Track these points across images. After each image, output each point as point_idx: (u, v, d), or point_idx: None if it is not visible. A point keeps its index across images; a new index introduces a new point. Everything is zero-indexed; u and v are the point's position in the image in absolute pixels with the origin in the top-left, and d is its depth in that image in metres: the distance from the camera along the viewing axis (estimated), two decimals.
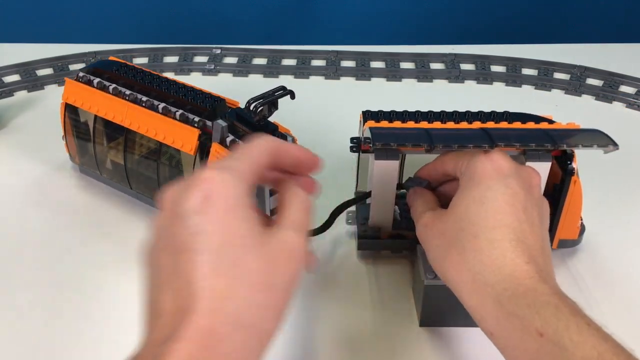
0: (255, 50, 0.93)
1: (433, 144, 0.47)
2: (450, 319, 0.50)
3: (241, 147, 0.37)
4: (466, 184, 0.43)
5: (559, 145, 0.46)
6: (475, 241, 0.40)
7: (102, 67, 0.60)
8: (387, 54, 0.92)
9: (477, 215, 0.40)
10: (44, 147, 0.70)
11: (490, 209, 0.40)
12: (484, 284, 0.39)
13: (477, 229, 0.40)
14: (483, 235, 0.40)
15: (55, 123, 0.61)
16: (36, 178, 0.66)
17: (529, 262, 0.38)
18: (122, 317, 0.51)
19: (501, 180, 0.41)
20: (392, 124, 0.52)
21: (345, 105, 0.55)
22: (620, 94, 0.84)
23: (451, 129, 0.51)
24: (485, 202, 0.41)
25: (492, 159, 0.42)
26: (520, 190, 0.41)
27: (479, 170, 0.42)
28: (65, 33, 1.10)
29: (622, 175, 0.67)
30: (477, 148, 0.47)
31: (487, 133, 0.48)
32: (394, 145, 0.48)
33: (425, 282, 0.48)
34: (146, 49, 0.92)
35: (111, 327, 0.50)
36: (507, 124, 0.52)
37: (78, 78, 0.59)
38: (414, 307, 0.52)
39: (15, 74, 0.86)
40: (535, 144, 0.47)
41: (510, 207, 0.40)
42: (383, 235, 0.55)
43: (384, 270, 0.56)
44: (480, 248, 0.39)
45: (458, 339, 0.49)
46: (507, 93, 0.86)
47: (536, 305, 0.36)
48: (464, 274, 0.40)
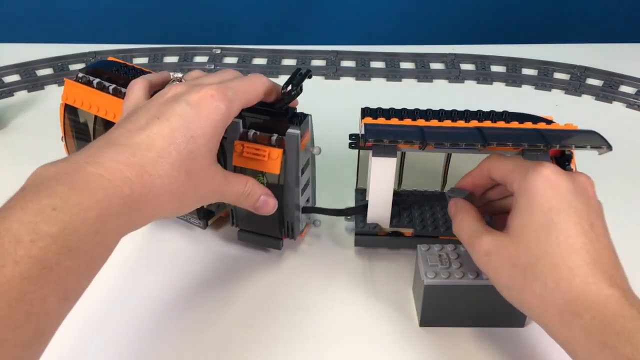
0: (255, 50, 0.93)
1: (425, 142, 0.47)
2: (450, 319, 0.50)
3: (245, 79, 0.47)
4: (525, 207, 0.41)
5: (552, 146, 0.46)
6: (555, 270, 0.39)
7: (102, 67, 0.60)
8: (387, 54, 0.92)
9: (548, 242, 0.39)
10: (44, 148, 0.69)
11: (560, 234, 0.39)
12: (571, 315, 0.38)
13: (554, 258, 0.39)
14: (562, 264, 0.38)
15: (55, 123, 0.61)
16: None
17: (611, 284, 0.38)
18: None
19: (561, 200, 0.40)
20: (389, 121, 0.52)
21: (345, 105, 0.55)
22: (620, 94, 0.84)
23: (446, 127, 0.51)
24: (552, 227, 0.39)
25: (547, 179, 0.41)
26: (582, 206, 0.40)
27: (536, 192, 0.41)
28: (65, 33, 1.10)
29: (622, 176, 0.67)
30: (470, 147, 0.47)
31: (481, 132, 0.49)
32: (386, 141, 0.48)
33: (425, 282, 0.48)
34: (146, 49, 0.92)
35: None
36: (504, 124, 0.52)
37: (77, 79, 0.59)
38: (414, 307, 0.52)
39: (15, 74, 0.86)
40: (528, 144, 0.47)
41: (578, 227, 0.39)
42: (380, 232, 0.55)
43: (381, 267, 0.56)
44: (561, 277, 0.38)
45: (458, 339, 0.49)
46: (507, 93, 0.86)
47: (625, 332, 0.35)
48: (549, 306, 0.39)
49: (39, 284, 0.31)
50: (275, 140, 0.50)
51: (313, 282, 0.54)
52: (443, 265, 0.48)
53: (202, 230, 0.59)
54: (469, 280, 0.47)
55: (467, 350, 0.49)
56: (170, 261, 0.56)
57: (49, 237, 0.32)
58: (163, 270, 0.55)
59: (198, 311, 0.51)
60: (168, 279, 0.54)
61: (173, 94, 0.44)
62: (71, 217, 0.34)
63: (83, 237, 0.34)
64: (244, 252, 0.57)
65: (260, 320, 0.51)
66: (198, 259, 0.57)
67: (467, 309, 0.49)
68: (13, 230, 0.32)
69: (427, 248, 0.50)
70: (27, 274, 0.31)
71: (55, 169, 0.37)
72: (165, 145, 0.40)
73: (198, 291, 0.53)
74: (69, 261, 0.33)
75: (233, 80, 0.47)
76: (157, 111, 0.42)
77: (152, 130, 0.40)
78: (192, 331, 0.50)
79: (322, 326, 0.51)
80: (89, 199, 0.35)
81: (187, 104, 0.42)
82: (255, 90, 0.47)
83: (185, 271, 0.55)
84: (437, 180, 0.58)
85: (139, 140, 0.40)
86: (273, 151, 0.49)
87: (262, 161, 0.50)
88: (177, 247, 0.58)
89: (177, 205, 0.42)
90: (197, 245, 0.58)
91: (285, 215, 0.53)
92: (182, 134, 0.41)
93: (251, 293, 0.53)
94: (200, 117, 0.42)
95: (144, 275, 0.55)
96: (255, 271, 0.55)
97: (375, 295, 0.53)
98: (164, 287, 0.54)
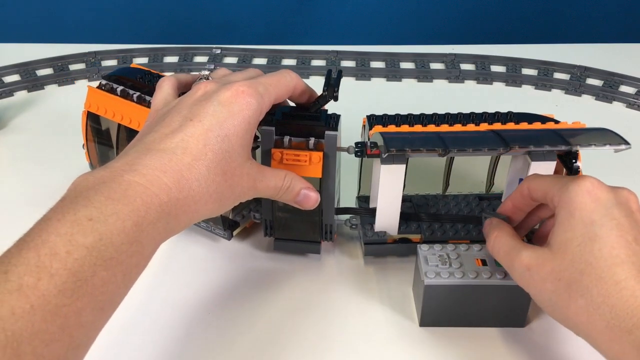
0: (255, 50, 0.93)
1: (448, 148, 0.47)
2: (450, 319, 0.50)
3: (274, 74, 0.47)
4: (566, 220, 0.40)
5: (573, 146, 0.46)
6: (601, 284, 0.37)
7: (125, 74, 0.59)
8: (387, 54, 0.92)
9: (592, 254, 0.38)
10: (44, 148, 0.70)
11: (604, 247, 0.38)
12: (620, 331, 0.36)
13: (599, 271, 0.38)
14: (608, 277, 0.37)
15: (56, 123, 0.61)
16: (35, 178, 0.66)
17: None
18: None
19: (604, 213, 0.39)
20: (400, 128, 0.51)
21: (345, 105, 0.54)
22: (620, 94, 0.84)
23: (462, 132, 0.51)
24: (596, 239, 0.39)
25: (588, 191, 0.40)
26: (624, 219, 0.39)
27: (577, 205, 0.40)
28: (65, 33, 1.10)
29: (622, 176, 0.67)
30: (493, 151, 0.47)
31: (500, 135, 0.48)
32: (408, 150, 0.47)
33: (425, 282, 0.48)
34: (146, 49, 0.92)
35: None
36: (514, 125, 0.51)
37: (100, 86, 0.58)
38: (414, 307, 0.52)
39: (15, 74, 0.86)
40: (548, 145, 0.46)
41: (622, 240, 0.38)
42: (389, 239, 0.54)
43: (385, 271, 0.56)
44: (608, 291, 0.37)
45: (458, 339, 0.49)
46: (507, 93, 0.86)
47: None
48: (597, 322, 0.37)
49: (74, 297, 0.31)
50: (313, 144, 0.49)
51: (317, 286, 0.54)
52: (443, 265, 0.48)
53: (227, 241, 0.58)
54: (469, 280, 0.47)
55: (467, 350, 0.48)
56: (194, 271, 0.56)
57: (84, 248, 0.32)
58: (188, 280, 0.55)
59: (228, 318, 0.51)
60: (193, 289, 0.54)
61: (203, 92, 0.44)
62: (107, 227, 0.33)
63: (119, 247, 0.34)
64: (267, 262, 0.57)
65: (268, 322, 0.51)
66: (224, 268, 0.56)
67: (467, 309, 0.49)
68: (50, 242, 0.32)
69: (427, 248, 0.50)
70: (63, 286, 0.31)
71: (94, 178, 0.37)
72: (200, 147, 0.40)
73: (223, 300, 0.53)
74: (104, 272, 0.33)
75: (262, 76, 0.46)
76: (189, 112, 0.42)
77: (185, 132, 0.40)
78: (224, 341, 0.49)
79: (322, 325, 0.51)
80: (126, 207, 0.35)
81: (219, 102, 0.42)
82: (286, 85, 0.47)
83: (210, 280, 0.55)
84: (439, 184, 0.58)
85: (173, 145, 0.39)
86: (314, 155, 0.49)
87: (304, 166, 0.49)
88: (201, 256, 0.57)
89: (214, 207, 0.42)
90: (221, 254, 0.57)
91: (324, 217, 0.53)
92: (216, 134, 0.41)
93: (280, 299, 0.53)
94: (233, 115, 0.42)
95: (171, 283, 0.54)
96: (285, 279, 0.55)
97: (375, 295, 0.53)
98: (191, 298, 0.53)
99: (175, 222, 0.39)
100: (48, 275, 0.31)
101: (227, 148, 0.41)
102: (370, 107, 0.55)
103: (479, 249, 0.50)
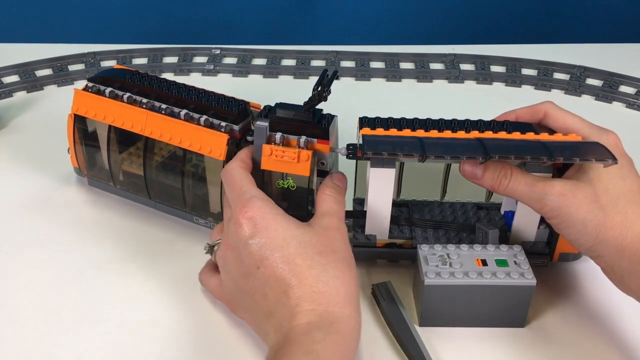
0: (255, 51, 0.93)
1: (425, 154, 0.46)
2: (450, 319, 0.50)
3: (230, 178, 0.48)
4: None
5: (556, 158, 0.46)
6: (634, 207, 0.46)
7: (111, 75, 0.58)
8: (386, 54, 0.92)
9: (625, 186, 0.47)
10: (44, 148, 0.70)
11: (627, 178, 0.47)
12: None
13: (632, 197, 0.47)
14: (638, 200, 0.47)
15: (55, 124, 0.61)
16: (36, 179, 0.66)
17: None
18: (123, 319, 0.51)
19: (628, 160, 0.49)
20: (388, 131, 0.51)
21: (344, 105, 0.54)
22: (620, 94, 0.85)
23: (446, 139, 0.50)
24: (626, 178, 0.47)
25: (616, 144, 0.50)
26: (628, 159, 0.49)
27: None
28: (65, 33, 1.10)
29: None
30: (471, 159, 0.47)
31: (482, 144, 0.48)
32: (384, 154, 0.47)
33: (426, 282, 0.48)
34: (145, 49, 0.92)
35: (110, 329, 0.50)
36: (505, 134, 0.51)
37: (87, 88, 0.58)
38: (414, 307, 0.52)
39: (14, 74, 0.86)
40: (530, 157, 0.46)
41: (636, 175, 0.48)
42: (379, 243, 0.54)
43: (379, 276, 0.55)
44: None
45: (458, 339, 0.49)
46: (507, 93, 0.86)
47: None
48: (628, 234, 0.46)
49: None
50: (303, 142, 0.49)
51: None
52: (444, 265, 0.48)
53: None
54: (469, 280, 0.47)
55: (467, 350, 0.48)
56: None
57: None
58: None
59: None
60: None
61: (234, 249, 0.46)
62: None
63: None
64: None
65: None
66: None
67: (467, 309, 0.49)
68: None
69: (428, 248, 0.50)
70: None
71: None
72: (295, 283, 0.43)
73: None
74: None
75: (231, 196, 0.47)
76: (261, 279, 0.44)
77: (283, 302, 0.42)
78: None
79: None
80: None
81: (252, 238, 0.44)
82: (246, 163, 0.50)
83: None
84: (437, 190, 0.58)
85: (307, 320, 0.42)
86: (302, 153, 0.49)
87: (292, 164, 0.49)
88: None
89: (355, 271, 0.46)
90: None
91: None
92: (278, 258, 0.43)
93: None
94: (261, 233, 0.44)
95: None
96: None
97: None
98: None
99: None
100: None
101: (287, 253, 0.43)
102: (370, 108, 0.55)
103: (479, 250, 0.50)
